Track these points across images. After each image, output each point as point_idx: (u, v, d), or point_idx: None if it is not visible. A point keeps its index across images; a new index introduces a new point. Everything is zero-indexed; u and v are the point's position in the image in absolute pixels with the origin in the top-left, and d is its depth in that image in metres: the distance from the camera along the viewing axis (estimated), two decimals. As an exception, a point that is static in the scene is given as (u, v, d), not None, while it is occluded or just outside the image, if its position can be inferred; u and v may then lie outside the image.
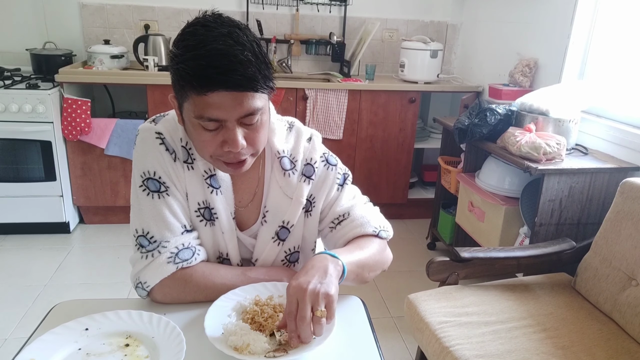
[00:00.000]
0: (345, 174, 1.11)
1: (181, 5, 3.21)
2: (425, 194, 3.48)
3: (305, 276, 0.86)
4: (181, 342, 0.83)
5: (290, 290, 0.85)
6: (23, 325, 2.14)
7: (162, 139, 0.98)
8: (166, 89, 2.83)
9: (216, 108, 0.83)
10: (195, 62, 0.81)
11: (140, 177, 0.98)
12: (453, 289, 1.73)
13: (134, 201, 1.00)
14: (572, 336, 1.52)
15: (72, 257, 2.72)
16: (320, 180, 1.07)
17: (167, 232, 0.97)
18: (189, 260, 0.97)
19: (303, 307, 0.82)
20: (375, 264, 1.04)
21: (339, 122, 3.07)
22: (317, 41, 3.36)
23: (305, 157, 1.06)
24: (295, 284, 0.85)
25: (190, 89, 0.83)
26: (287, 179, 1.04)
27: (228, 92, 0.82)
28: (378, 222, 1.09)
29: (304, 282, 0.85)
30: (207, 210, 1.01)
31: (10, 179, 2.76)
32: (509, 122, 2.27)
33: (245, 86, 0.83)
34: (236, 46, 0.81)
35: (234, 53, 0.81)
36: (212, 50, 0.80)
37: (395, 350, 2.11)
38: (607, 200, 1.98)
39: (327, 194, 1.07)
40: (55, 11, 3.10)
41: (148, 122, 1.02)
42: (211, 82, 0.81)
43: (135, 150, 1.00)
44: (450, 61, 3.61)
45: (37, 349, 0.81)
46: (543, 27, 2.62)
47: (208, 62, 0.80)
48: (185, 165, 0.99)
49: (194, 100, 0.84)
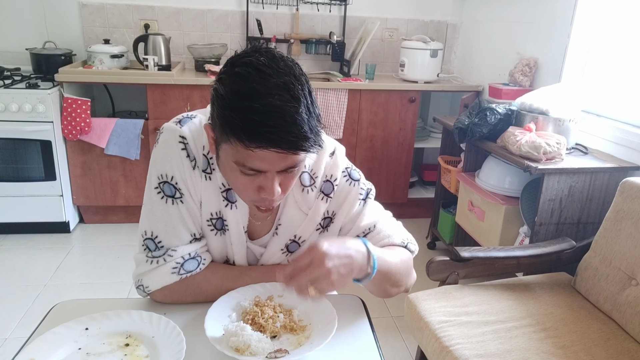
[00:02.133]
0: (368, 189, 1.06)
1: (181, 5, 3.20)
2: (425, 193, 3.48)
3: (336, 253, 0.81)
4: (181, 342, 0.83)
5: (314, 251, 0.80)
6: (23, 324, 2.14)
7: (185, 144, 0.94)
8: (166, 89, 2.83)
9: (260, 161, 0.79)
10: (247, 116, 0.75)
11: (157, 179, 0.95)
12: (453, 289, 1.73)
13: (146, 201, 0.97)
14: (572, 336, 1.52)
15: (72, 257, 2.72)
16: (342, 196, 1.03)
17: (176, 239, 0.96)
18: (193, 272, 0.97)
19: (307, 273, 0.79)
20: (401, 276, 0.99)
21: (339, 121, 3.07)
22: (317, 41, 3.36)
23: (326, 173, 1.02)
24: (324, 251, 0.80)
25: (236, 139, 0.78)
26: (304, 195, 1.01)
27: (278, 151, 0.78)
28: (404, 235, 1.07)
29: (330, 257, 0.80)
30: (220, 221, 1.00)
31: (10, 178, 2.76)
32: (509, 121, 2.27)
33: (296, 147, 0.78)
34: (292, 102, 0.76)
35: (290, 112, 0.75)
36: (266, 105, 0.75)
37: (395, 350, 2.11)
38: (607, 200, 1.98)
39: (349, 210, 1.03)
40: (55, 11, 3.10)
41: (173, 122, 0.97)
42: (262, 139, 0.76)
43: (156, 149, 0.97)
44: (450, 60, 3.61)
45: (37, 348, 0.81)
46: (543, 26, 2.62)
47: (262, 120, 0.75)
48: (204, 174, 0.96)
49: (238, 149, 0.79)
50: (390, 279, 0.96)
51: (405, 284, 1.03)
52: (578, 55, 2.42)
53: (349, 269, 0.83)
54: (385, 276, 0.94)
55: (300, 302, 0.94)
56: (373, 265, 0.87)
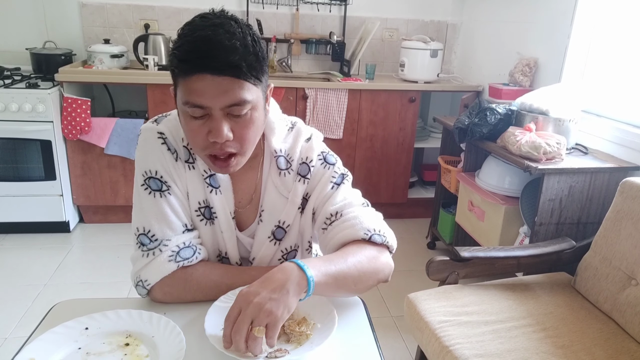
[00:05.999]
0: (343, 174, 1.06)
1: (181, 5, 3.20)
2: (425, 193, 3.48)
3: (258, 286, 0.81)
4: (181, 341, 0.83)
5: (238, 296, 0.80)
6: (23, 324, 2.14)
7: (164, 138, 0.99)
8: (166, 89, 2.83)
9: (200, 94, 0.84)
10: (183, 48, 0.84)
11: (142, 176, 0.98)
12: (453, 289, 1.73)
13: (135, 200, 1.00)
14: (572, 335, 1.52)
15: (72, 257, 2.72)
16: (316, 178, 1.04)
17: (169, 230, 0.97)
18: (190, 259, 0.97)
19: (242, 320, 0.77)
20: (361, 275, 0.93)
21: (339, 121, 3.07)
22: (317, 40, 3.36)
23: (302, 156, 1.04)
24: (244, 292, 0.80)
25: (178, 73, 0.85)
26: (282, 179, 1.03)
27: (211, 78, 0.82)
28: (373, 224, 0.99)
29: (253, 293, 0.79)
30: (207, 210, 1.02)
31: (10, 178, 2.76)
32: (509, 121, 2.27)
33: (227, 72, 0.83)
34: (224, 34, 0.82)
35: (219, 39, 0.82)
36: (199, 36, 0.82)
37: (395, 350, 2.11)
38: (607, 200, 1.98)
39: (321, 191, 1.03)
40: (55, 10, 3.10)
41: (150, 122, 1.03)
42: (194, 65, 0.83)
43: (138, 150, 1.01)
44: (450, 60, 3.61)
45: (37, 348, 0.81)
46: (543, 26, 2.62)
47: (194, 47, 0.82)
48: (187, 165, 1.00)
49: (182, 85, 0.86)
50: (345, 282, 0.91)
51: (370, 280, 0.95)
52: (578, 55, 2.42)
53: (282, 290, 0.80)
54: (338, 281, 0.90)
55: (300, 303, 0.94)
56: (307, 274, 0.84)
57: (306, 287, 0.84)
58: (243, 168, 0.97)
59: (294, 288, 0.82)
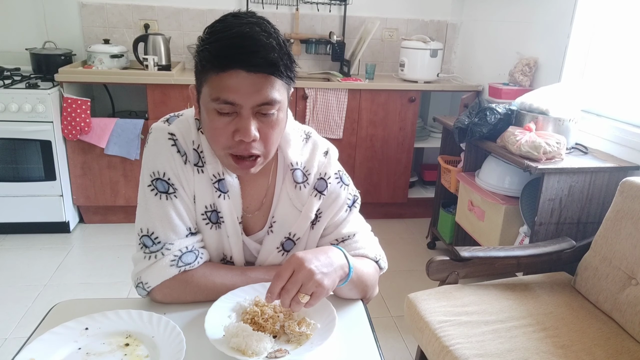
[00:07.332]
0: (355, 196, 1.08)
1: (181, 5, 3.20)
2: (425, 193, 3.47)
3: (314, 256, 0.86)
4: (181, 341, 0.83)
5: (292, 258, 0.84)
6: (23, 324, 2.14)
7: (175, 140, 0.97)
8: (166, 89, 2.83)
9: (233, 91, 0.83)
10: (219, 43, 0.82)
11: (150, 177, 0.97)
12: (453, 288, 1.73)
13: (141, 199, 0.99)
14: (572, 335, 1.52)
15: (72, 257, 2.72)
16: (332, 197, 1.04)
17: (172, 233, 0.97)
18: (192, 264, 0.97)
19: (293, 281, 0.82)
20: (370, 285, 1.03)
21: (338, 121, 3.07)
22: (317, 40, 3.36)
23: (320, 171, 1.03)
24: (300, 256, 0.84)
25: (210, 69, 0.84)
26: (298, 192, 1.02)
27: (247, 75, 0.82)
28: (378, 251, 1.08)
29: (309, 260, 0.84)
30: (214, 214, 1.01)
31: (10, 178, 2.76)
32: (508, 121, 2.27)
33: (265, 69, 0.83)
34: (262, 33, 0.82)
35: (258, 37, 0.82)
36: (237, 32, 0.82)
37: (395, 350, 2.11)
38: (607, 200, 1.98)
39: (336, 212, 1.05)
40: (55, 11, 3.10)
41: (162, 121, 1.00)
42: (231, 60, 0.82)
43: (147, 149, 0.99)
44: (450, 60, 3.61)
45: (37, 348, 0.81)
46: (543, 26, 2.62)
47: (231, 43, 0.82)
48: (196, 168, 0.98)
49: (213, 81, 0.84)
50: (361, 284, 1.00)
51: (369, 293, 1.06)
52: (578, 55, 2.42)
53: (331, 268, 0.87)
54: (359, 280, 0.98)
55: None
56: (349, 265, 0.91)
57: (346, 275, 0.91)
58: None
59: (339, 271, 0.89)
